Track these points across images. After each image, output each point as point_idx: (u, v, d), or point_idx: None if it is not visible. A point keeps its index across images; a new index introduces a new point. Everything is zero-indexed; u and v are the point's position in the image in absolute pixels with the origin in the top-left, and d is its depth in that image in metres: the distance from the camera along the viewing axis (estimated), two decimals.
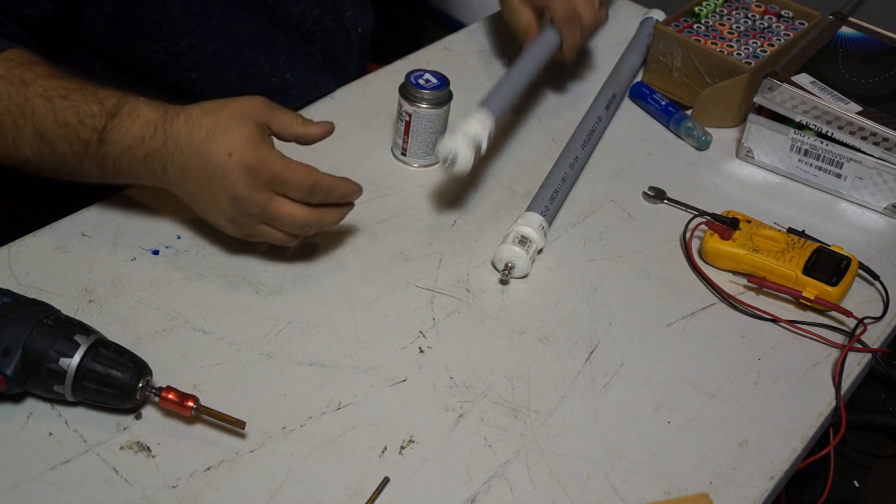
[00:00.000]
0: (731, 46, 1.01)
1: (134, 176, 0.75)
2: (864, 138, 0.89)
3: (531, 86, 0.95)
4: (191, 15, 0.87)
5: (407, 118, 0.89)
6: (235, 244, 0.82)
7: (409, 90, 0.88)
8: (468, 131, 0.81)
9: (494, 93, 0.87)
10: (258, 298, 0.77)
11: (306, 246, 0.82)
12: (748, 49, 1.01)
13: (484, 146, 0.83)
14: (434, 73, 0.89)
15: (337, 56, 1.02)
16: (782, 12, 1.08)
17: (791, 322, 0.79)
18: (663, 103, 1.01)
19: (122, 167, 0.74)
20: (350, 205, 0.79)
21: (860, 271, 0.82)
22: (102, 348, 0.65)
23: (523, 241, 0.80)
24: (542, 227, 0.82)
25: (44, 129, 0.73)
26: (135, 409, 0.67)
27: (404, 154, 0.92)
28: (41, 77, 0.74)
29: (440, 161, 0.81)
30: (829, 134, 0.91)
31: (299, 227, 0.76)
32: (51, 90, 0.73)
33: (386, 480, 0.65)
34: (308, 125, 0.77)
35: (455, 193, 0.90)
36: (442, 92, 0.88)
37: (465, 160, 0.80)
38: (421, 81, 0.88)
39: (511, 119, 1.00)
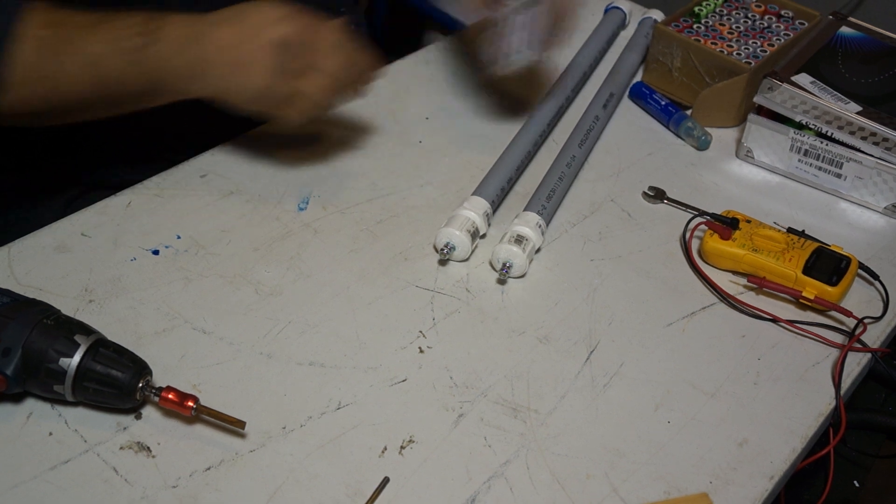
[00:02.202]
0: (731, 46, 1.01)
1: (172, 71, 0.77)
2: (864, 138, 0.89)
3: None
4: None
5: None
6: (235, 244, 0.82)
7: None
8: (461, 221, 0.81)
9: (487, 178, 0.88)
10: (258, 298, 0.77)
11: (306, 246, 0.82)
12: (748, 49, 1.01)
13: (483, 229, 0.83)
14: None
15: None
16: (782, 12, 1.08)
17: (791, 322, 0.79)
18: (663, 103, 1.01)
19: (165, 59, 0.76)
20: (370, 80, 0.85)
21: (860, 271, 0.82)
22: (102, 348, 0.65)
23: (520, 240, 0.80)
24: (540, 226, 0.82)
25: (94, 53, 0.75)
26: (135, 409, 0.68)
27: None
28: (71, 16, 0.76)
29: (437, 251, 0.81)
30: (829, 134, 0.91)
31: (337, 78, 0.80)
32: (86, 22, 0.75)
33: (386, 480, 0.65)
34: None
35: (455, 193, 0.90)
36: None
37: (463, 249, 0.81)
38: None
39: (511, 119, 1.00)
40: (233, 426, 0.66)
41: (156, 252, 0.80)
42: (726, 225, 0.84)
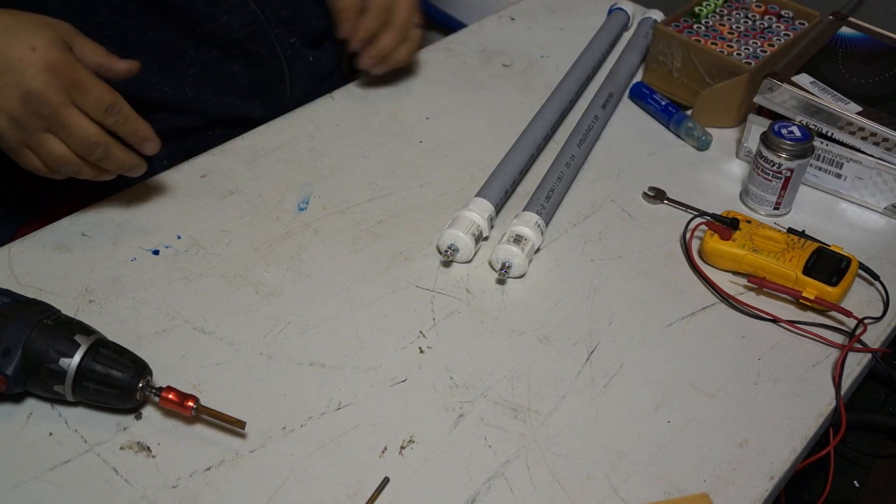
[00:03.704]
0: (731, 46, 1.01)
1: None
2: (864, 138, 0.89)
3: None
4: (72, 7, 0.82)
5: (788, 174, 0.86)
6: (235, 244, 0.82)
7: (784, 144, 0.85)
8: (466, 223, 0.81)
9: (490, 180, 0.88)
10: (258, 298, 0.77)
11: (307, 246, 0.82)
12: (748, 49, 1.01)
13: (486, 232, 0.83)
14: (786, 122, 0.87)
15: (267, 82, 0.98)
16: (782, 12, 1.08)
17: (791, 322, 0.79)
18: (663, 103, 1.01)
19: None
20: (140, 159, 0.76)
21: (860, 271, 0.82)
22: (102, 348, 0.65)
23: (518, 240, 0.80)
24: (539, 226, 0.82)
25: None
26: (135, 409, 0.68)
27: (777, 208, 0.89)
28: None
29: (441, 252, 0.81)
30: (829, 134, 0.91)
31: (86, 145, 0.72)
32: None
33: (386, 480, 0.65)
34: (112, 57, 0.74)
35: (455, 193, 0.90)
36: (808, 142, 0.86)
37: (466, 251, 0.81)
38: (785, 132, 0.85)
39: (511, 119, 1.00)
40: (233, 426, 0.66)
41: (156, 252, 0.80)
42: (726, 225, 0.84)
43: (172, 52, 0.91)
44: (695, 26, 1.04)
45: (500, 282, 0.81)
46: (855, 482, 0.88)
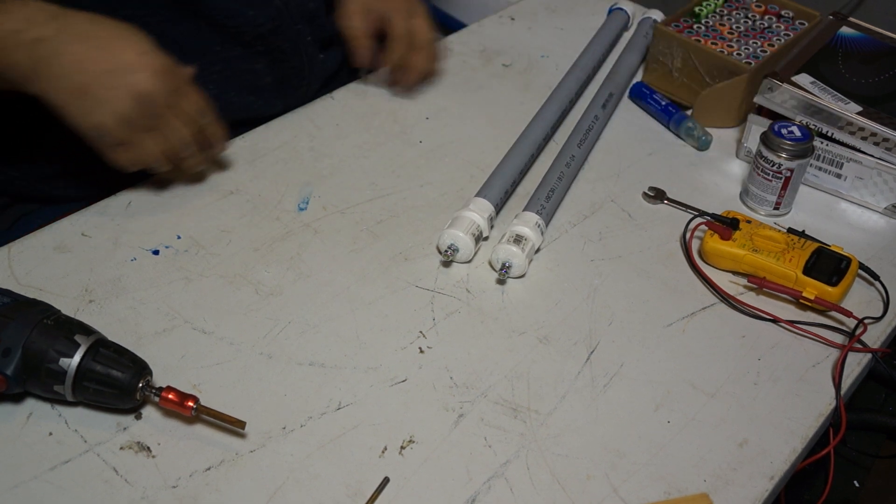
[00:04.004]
0: (731, 46, 1.01)
1: (10, 65, 0.72)
2: (864, 138, 0.89)
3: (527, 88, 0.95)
4: (99, 1, 0.83)
5: (788, 174, 0.86)
6: (235, 244, 0.82)
7: (784, 144, 0.85)
8: (466, 223, 0.81)
9: (490, 180, 0.88)
10: (258, 298, 0.77)
11: (307, 246, 0.82)
12: (748, 49, 1.01)
13: (486, 231, 0.83)
14: (786, 122, 0.87)
15: (288, 79, 0.99)
16: (782, 12, 1.08)
17: (791, 322, 0.79)
18: (663, 103, 1.01)
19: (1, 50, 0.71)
20: (213, 152, 0.83)
21: (860, 271, 0.82)
22: (102, 348, 0.65)
23: (518, 240, 0.80)
24: (539, 226, 0.82)
25: None
26: (135, 409, 0.68)
27: (777, 208, 0.89)
28: None
29: (441, 252, 0.81)
30: (829, 134, 0.91)
31: (180, 147, 0.78)
32: None
33: (386, 480, 0.65)
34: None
35: (455, 193, 0.90)
36: (808, 142, 0.86)
37: (466, 251, 0.81)
38: (785, 132, 0.85)
39: (511, 119, 1.00)
40: (233, 426, 0.66)
41: (156, 252, 0.80)
42: (726, 225, 0.84)
43: (198, 50, 0.92)
44: (695, 26, 1.04)
45: (500, 282, 0.81)
46: (855, 482, 0.88)
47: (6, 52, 0.71)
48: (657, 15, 1.13)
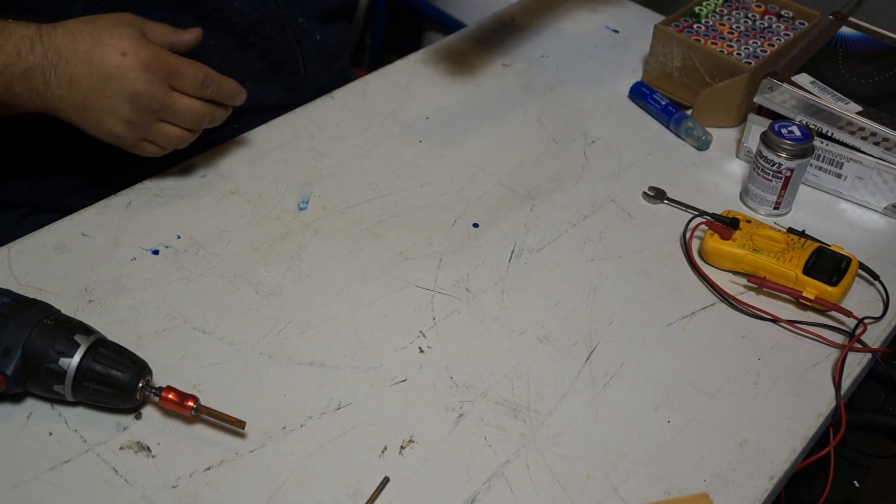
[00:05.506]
0: (731, 46, 1.01)
1: (14, 96, 0.74)
2: (864, 138, 0.89)
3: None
4: (93, 4, 0.83)
5: (788, 173, 0.86)
6: (235, 244, 0.82)
7: (784, 143, 0.85)
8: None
9: None
10: (258, 298, 0.77)
11: (307, 246, 0.82)
12: (748, 49, 1.01)
13: None
14: (786, 122, 0.87)
15: (281, 64, 0.99)
16: (782, 12, 1.08)
17: (791, 322, 0.79)
18: (663, 103, 1.01)
19: (0, 88, 0.73)
20: (230, 108, 0.83)
21: (860, 271, 0.82)
22: (102, 348, 0.65)
23: None
24: None
25: None
26: (135, 409, 0.68)
27: (777, 208, 0.89)
28: None
29: None
30: (829, 134, 0.91)
31: (196, 120, 0.79)
32: None
33: (386, 480, 0.65)
34: (178, 31, 0.80)
35: (455, 193, 0.90)
36: (808, 142, 0.86)
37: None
38: (784, 132, 0.85)
39: (511, 119, 1.00)
40: (233, 426, 0.66)
41: (156, 252, 0.80)
42: (726, 225, 0.84)
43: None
44: (695, 26, 1.04)
45: (501, 282, 0.81)
46: (855, 482, 0.88)
47: (7, 87, 0.74)
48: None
